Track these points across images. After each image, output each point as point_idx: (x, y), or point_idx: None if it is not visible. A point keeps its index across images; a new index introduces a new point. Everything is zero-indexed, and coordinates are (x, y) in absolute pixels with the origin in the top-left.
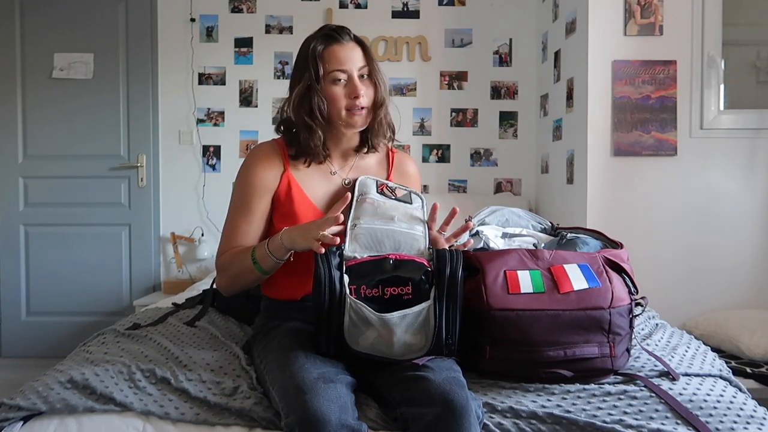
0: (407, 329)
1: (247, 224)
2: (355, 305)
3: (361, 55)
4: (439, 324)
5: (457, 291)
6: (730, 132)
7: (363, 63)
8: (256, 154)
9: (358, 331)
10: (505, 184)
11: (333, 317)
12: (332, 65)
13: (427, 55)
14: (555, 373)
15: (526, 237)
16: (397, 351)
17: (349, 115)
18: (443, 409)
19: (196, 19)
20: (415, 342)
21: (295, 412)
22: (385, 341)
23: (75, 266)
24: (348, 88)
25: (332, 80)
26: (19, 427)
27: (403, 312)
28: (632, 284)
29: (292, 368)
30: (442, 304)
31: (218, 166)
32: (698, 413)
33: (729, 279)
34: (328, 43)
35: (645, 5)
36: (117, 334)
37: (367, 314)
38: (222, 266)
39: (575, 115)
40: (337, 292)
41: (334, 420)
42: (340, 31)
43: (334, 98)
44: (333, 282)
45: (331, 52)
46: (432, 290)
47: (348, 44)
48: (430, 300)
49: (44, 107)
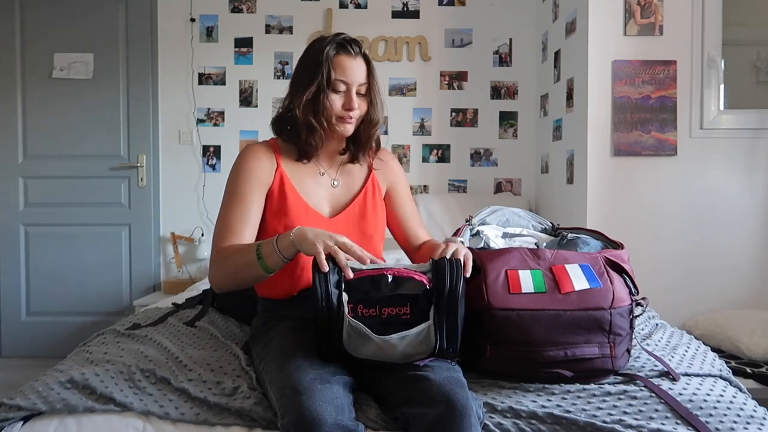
0: (407, 346)
1: (243, 216)
2: (354, 324)
3: (364, 71)
4: (440, 339)
5: (458, 306)
6: (730, 132)
7: (364, 80)
8: (251, 150)
9: (358, 343)
10: (505, 184)
11: (332, 331)
12: (337, 74)
13: (427, 55)
14: (555, 373)
15: (527, 237)
16: (398, 359)
17: (339, 122)
18: (444, 409)
19: (196, 19)
20: (416, 353)
21: (290, 413)
22: (385, 353)
23: (75, 266)
24: (344, 99)
25: (333, 88)
26: (19, 427)
27: (403, 333)
28: (633, 285)
29: (290, 369)
30: (442, 322)
31: (218, 166)
32: (698, 413)
33: (729, 279)
34: (339, 51)
35: (645, 5)
36: (117, 334)
37: (366, 332)
38: (218, 260)
39: (575, 115)
40: (335, 310)
41: (329, 421)
42: (353, 43)
43: (330, 104)
44: (330, 300)
45: (339, 60)
46: (431, 310)
47: (356, 58)
48: (429, 321)
49: (44, 107)
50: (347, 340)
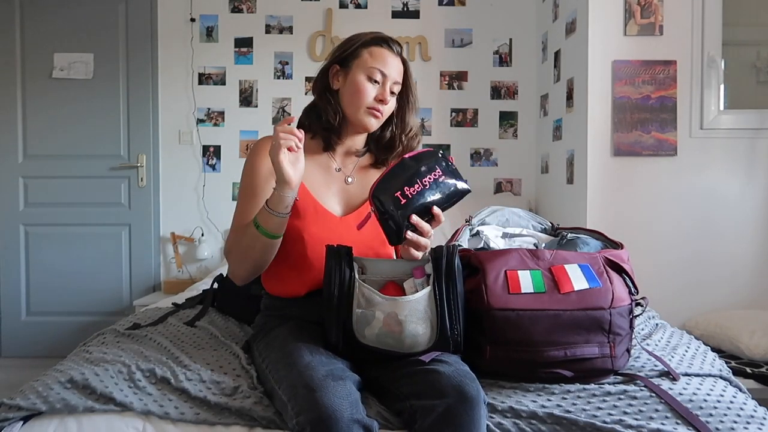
0: (410, 315)
1: (255, 209)
2: (366, 291)
3: (401, 72)
4: (441, 312)
5: (455, 276)
6: (730, 132)
7: (400, 80)
8: (262, 144)
9: (365, 320)
10: (505, 184)
11: (342, 307)
12: (376, 62)
13: (427, 55)
14: (555, 373)
15: (527, 237)
16: (403, 342)
17: (367, 113)
18: (456, 400)
19: (196, 19)
20: (420, 331)
21: (306, 411)
22: (390, 331)
23: (75, 266)
24: (378, 90)
25: (368, 75)
26: (19, 427)
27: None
28: (632, 284)
29: (299, 367)
30: (441, 289)
31: (218, 166)
32: (698, 413)
33: (729, 279)
34: (380, 44)
35: (645, 5)
36: (117, 334)
37: (375, 298)
38: (229, 249)
39: (575, 115)
40: (347, 279)
41: (346, 416)
42: (393, 42)
43: (362, 91)
44: (343, 270)
45: (380, 51)
46: (430, 277)
47: (396, 57)
48: (429, 286)
49: (44, 107)
50: (356, 321)
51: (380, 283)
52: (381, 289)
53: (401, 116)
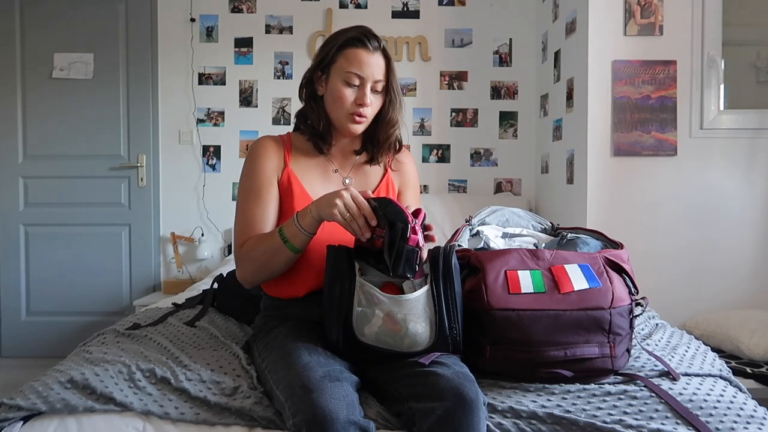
0: (410, 314)
1: (261, 210)
2: (366, 287)
3: (383, 68)
4: (439, 310)
5: (452, 275)
6: (730, 132)
7: (381, 77)
8: (261, 143)
9: (365, 318)
10: (505, 184)
11: (342, 305)
12: (351, 67)
13: (427, 55)
14: (555, 373)
15: (527, 237)
16: (403, 341)
17: (350, 119)
18: (454, 403)
19: (196, 19)
20: (419, 330)
21: (302, 412)
22: (390, 329)
23: (75, 266)
24: (357, 94)
25: (345, 81)
26: (19, 427)
27: (406, 296)
28: (632, 284)
29: (297, 367)
30: (439, 288)
31: (218, 166)
32: (698, 413)
33: (729, 279)
34: (356, 44)
35: (645, 5)
36: (117, 334)
37: (375, 295)
38: (245, 255)
39: (575, 115)
40: (348, 277)
41: (342, 418)
42: (371, 37)
43: (341, 98)
44: (344, 269)
45: (355, 53)
46: (428, 277)
47: (374, 53)
48: (427, 285)
49: (44, 107)
50: (356, 319)
51: (378, 284)
52: (380, 289)
53: (383, 111)
